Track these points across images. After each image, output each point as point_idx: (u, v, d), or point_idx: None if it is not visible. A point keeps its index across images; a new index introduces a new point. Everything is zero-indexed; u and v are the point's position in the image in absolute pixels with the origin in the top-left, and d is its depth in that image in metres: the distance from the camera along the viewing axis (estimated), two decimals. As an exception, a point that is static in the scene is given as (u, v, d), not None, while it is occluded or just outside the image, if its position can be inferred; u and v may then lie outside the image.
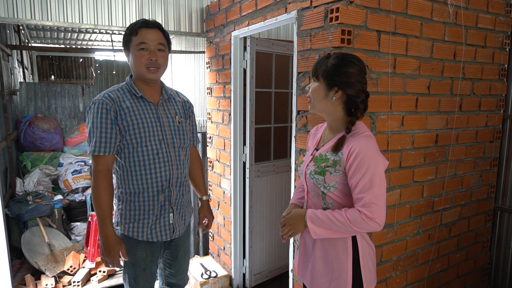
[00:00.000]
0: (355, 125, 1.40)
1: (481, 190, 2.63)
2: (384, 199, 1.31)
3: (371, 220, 1.27)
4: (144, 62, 1.68)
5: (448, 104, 2.30)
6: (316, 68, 1.42)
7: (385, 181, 1.34)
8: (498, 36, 2.47)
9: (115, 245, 1.66)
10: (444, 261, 2.48)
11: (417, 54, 2.08)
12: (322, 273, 1.44)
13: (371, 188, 1.28)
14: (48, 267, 2.96)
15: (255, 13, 2.45)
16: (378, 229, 1.30)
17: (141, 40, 1.67)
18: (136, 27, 1.68)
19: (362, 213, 1.28)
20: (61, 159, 4.17)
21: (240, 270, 3.04)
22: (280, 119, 3.17)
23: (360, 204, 1.29)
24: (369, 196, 1.27)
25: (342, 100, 1.39)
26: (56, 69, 10.05)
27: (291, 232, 1.46)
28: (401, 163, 2.12)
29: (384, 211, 1.30)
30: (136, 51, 1.67)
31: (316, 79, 1.42)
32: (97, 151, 1.63)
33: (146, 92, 1.75)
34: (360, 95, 1.38)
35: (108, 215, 1.66)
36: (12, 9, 2.47)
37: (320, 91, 1.41)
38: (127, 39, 1.70)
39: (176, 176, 1.79)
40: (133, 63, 1.70)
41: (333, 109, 1.41)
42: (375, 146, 1.35)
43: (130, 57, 1.71)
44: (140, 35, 1.67)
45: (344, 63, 1.37)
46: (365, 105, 1.41)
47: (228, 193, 2.97)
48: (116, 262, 1.68)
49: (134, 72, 1.75)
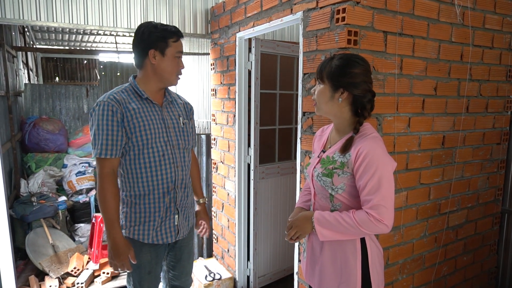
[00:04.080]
0: (362, 126, 1.39)
1: (488, 192, 2.61)
2: (392, 201, 1.30)
3: (379, 222, 1.26)
4: (178, 70, 1.74)
5: (455, 106, 2.27)
6: (320, 70, 1.41)
7: (393, 183, 1.32)
8: (506, 37, 2.45)
9: (124, 249, 1.65)
10: (451, 264, 2.46)
11: (424, 55, 2.06)
12: (331, 275, 1.42)
13: (379, 190, 1.27)
14: (52, 268, 2.96)
15: (260, 14, 2.44)
16: (386, 231, 1.29)
17: (180, 49, 1.73)
18: (176, 33, 1.70)
19: (370, 215, 1.27)
20: (65, 160, 4.17)
21: (244, 273, 3.02)
22: (284, 121, 3.16)
23: (368, 206, 1.28)
24: (377, 198, 1.26)
25: (348, 101, 1.38)
26: (60, 70, 10.09)
27: (298, 234, 1.44)
28: (408, 165, 2.10)
29: (392, 213, 1.29)
30: (173, 57, 1.70)
31: (321, 81, 1.41)
32: (103, 154, 1.61)
33: (150, 94, 1.74)
34: (366, 95, 1.37)
35: (116, 219, 1.64)
36: (18, 10, 2.47)
37: (326, 93, 1.40)
38: (162, 41, 1.66)
39: (181, 178, 1.79)
40: (165, 67, 1.69)
41: (339, 110, 1.40)
42: (383, 148, 1.34)
43: (163, 60, 1.68)
44: (179, 43, 1.73)
45: (349, 64, 1.36)
46: (372, 105, 1.40)
47: (232, 195, 2.96)
48: (126, 265, 1.66)
49: (159, 75, 1.71)
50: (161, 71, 1.70)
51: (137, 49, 1.71)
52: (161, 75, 1.71)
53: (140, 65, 1.72)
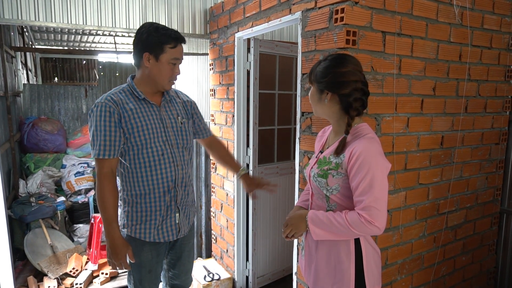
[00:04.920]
0: (358, 127, 1.38)
1: (487, 192, 2.61)
2: (385, 202, 1.28)
3: (370, 224, 1.25)
4: (171, 76, 1.72)
5: (453, 106, 2.28)
6: (310, 72, 1.43)
7: (386, 184, 1.31)
8: (504, 37, 2.45)
9: (122, 248, 1.66)
10: (449, 264, 2.46)
11: (422, 55, 2.06)
12: (325, 275, 1.43)
13: (371, 191, 1.25)
14: (51, 269, 2.95)
15: (259, 14, 2.44)
16: (378, 233, 1.28)
17: (176, 55, 1.69)
18: (176, 39, 1.66)
19: (362, 216, 1.26)
20: (64, 160, 4.17)
21: (243, 273, 3.02)
22: (283, 121, 3.16)
23: (360, 207, 1.27)
24: (369, 200, 1.25)
25: (336, 102, 1.37)
26: (59, 71, 10.07)
27: (293, 232, 1.45)
28: (406, 165, 2.10)
29: (385, 215, 1.28)
30: (167, 64, 1.68)
31: (311, 84, 1.43)
32: (101, 154, 1.62)
33: (148, 94, 1.75)
34: (352, 94, 1.33)
35: (115, 218, 1.66)
36: (16, 10, 2.47)
37: (314, 95, 1.42)
38: (158, 46, 1.65)
39: (181, 176, 1.80)
40: (157, 73, 1.68)
41: (330, 111, 1.40)
42: (378, 149, 1.32)
43: (156, 65, 1.67)
44: (177, 49, 1.69)
45: (333, 64, 1.35)
46: (363, 103, 1.37)
47: (231, 195, 2.96)
48: (124, 264, 1.69)
49: (152, 79, 1.71)
50: (153, 76, 1.70)
51: (135, 49, 1.72)
52: (152, 79, 1.71)
53: (138, 65, 1.74)
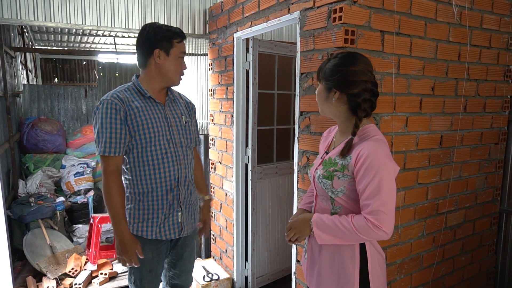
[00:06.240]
0: (365, 128, 1.34)
1: (486, 192, 2.60)
2: (393, 206, 1.24)
3: (378, 229, 1.21)
4: (181, 70, 1.77)
5: (452, 105, 2.27)
6: (318, 70, 1.39)
7: (395, 188, 1.26)
8: (503, 37, 2.45)
9: (132, 244, 1.67)
10: (449, 265, 2.45)
11: (421, 55, 2.06)
12: (328, 279, 1.39)
13: (379, 195, 1.21)
14: (50, 269, 2.95)
15: (258, 14, 2.44)
16: (386, 237, 1.24)
17: (183, 49, 1.76)
18: (180, 34, 1.73)
19: (369, 221, 1.21)
20: (63, 161, 4.17)
21: (242, 273, 3.01)
22: (282, 121, 3.16)
23: (367, 211, 1.22)
24: (377, 203, 1.21)
25: (344, 101, 1.33)
26: (59, 71, 10.08)
27: (297, 236, 1.42)
28: (405, 164, 2.10)
29: (393, 219, 1.23)
30: (177, 58, 1.73)
31: (319, 81, 1.39)
32: (107, 151, 1.63)
33: (153, 93, 1.77)
34: (361, 94, 1.29)
35: (122, 215, 1.66)
36: (16, 10, 2.47)
37: (321, 93, 1.38)
38: (168, 41, 1.69)
39: (184, 175, 1.81)
40: (169, 67, 1.73)
41: (337, 111, 1.36)
42: (386, 151, 1.28)
43: (167, 60, 1.71)
44: (183, 44, 1.76)
45: (344, 62, 1.31)
46: (372, 105, 1.33)
47: (230, 195, 2.95)
48: (134, 260, 1.69)
49: (163, 75, 1.74)
50: (165, 71, 1.73)
51: (141, 48, 1.73)
52: (165, 75, 1.74)
53: (144, 64, 1.75)
